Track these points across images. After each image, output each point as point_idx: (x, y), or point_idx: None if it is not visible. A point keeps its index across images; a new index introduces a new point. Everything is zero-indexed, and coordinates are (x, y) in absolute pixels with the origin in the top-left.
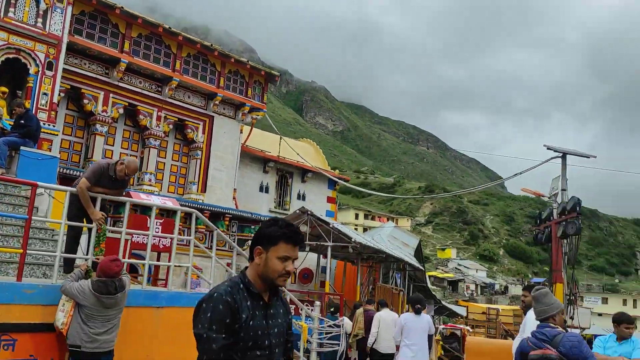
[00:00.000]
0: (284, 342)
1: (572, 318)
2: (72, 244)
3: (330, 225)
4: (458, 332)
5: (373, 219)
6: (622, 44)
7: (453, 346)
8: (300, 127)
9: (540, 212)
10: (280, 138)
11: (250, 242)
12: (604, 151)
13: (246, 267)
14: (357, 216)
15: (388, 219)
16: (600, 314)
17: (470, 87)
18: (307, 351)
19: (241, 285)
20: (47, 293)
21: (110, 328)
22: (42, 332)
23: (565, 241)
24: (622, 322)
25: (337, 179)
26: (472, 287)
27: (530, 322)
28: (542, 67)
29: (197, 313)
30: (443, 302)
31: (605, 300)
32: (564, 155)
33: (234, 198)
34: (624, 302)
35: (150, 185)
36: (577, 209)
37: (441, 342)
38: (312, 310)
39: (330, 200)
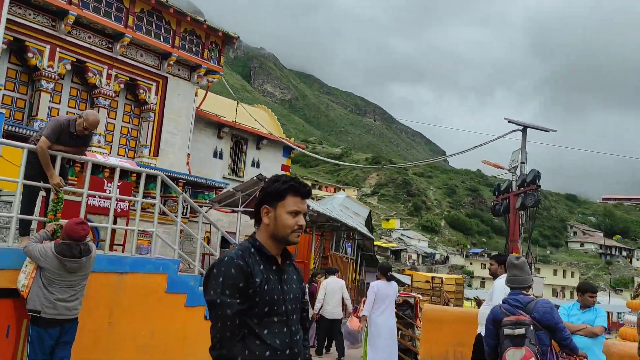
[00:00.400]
0: (299, 309)
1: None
2: (28, 205)
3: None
4: (411, 300)
5: (320, 188)
6: (563, 26)
7: (406, 313)
8: (247, 94)
9: (499, 184)
10: (238, 103)
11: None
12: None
13: (253, 233)
14: None
15: (335, 189)
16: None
17: (418, 62)
18: None
19: (252, 249)
20: (2, 257)
21: (73, 294)
22: None
23: (522, 213)
24: (586, 291)
25: (293, 146)
26: (414, 256)
27: (498, 290)
28: (487, 45)
29: (208, 278)
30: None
31: (537, 271)
32: (524, 129)
33: (187, 163)
34: (555, 272)
35: (100, 147)
36: (537, 181)
37: (395, 310)
38: None
39: (284, 168)
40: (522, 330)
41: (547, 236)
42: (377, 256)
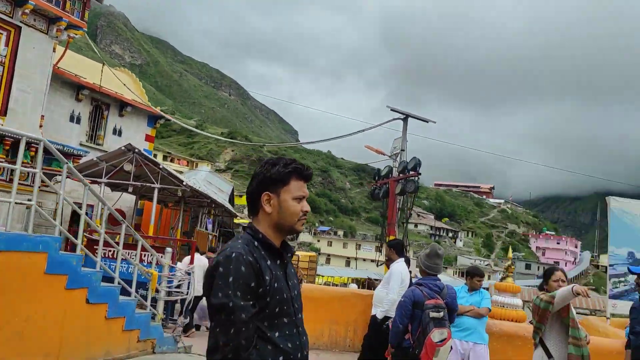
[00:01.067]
0: (302, 306)
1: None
2: None
3: (160, 167)
4: None
5: (172, 161)
6: (412, 20)
7: None
8: (93, 54)
9: (379, 169)
10: (103, 64)
11: (247, 192)
12: (385, 117)
13: (250, 224)
14: (155, 157)
15: (188, 163)
16: (372, 260)
17: (276, 40)
18: (154, 300)
19: (255, 243)
20: None
21: None
22: None
23: (401, 198)
24: (474, 275)
25: (161, 116)
26: None
27: (396, 275)
28: (342, 30)
29: (214, 278)
30: None
31: (378, 248)
32: (406, 118)
33: (40, 126)
34: None
35: None
36: (418, 169)
37: None
38: (162, 256)
39: (149, 138)
40: (442, 313)
41: (387, 216)
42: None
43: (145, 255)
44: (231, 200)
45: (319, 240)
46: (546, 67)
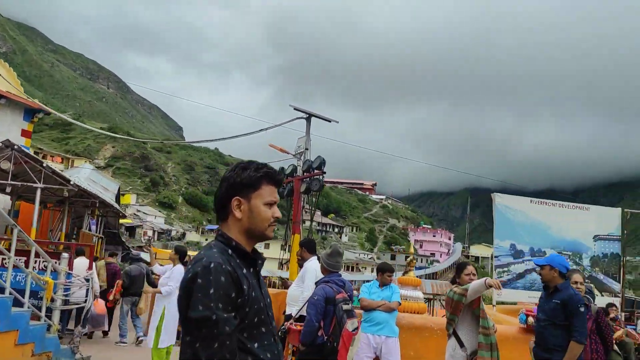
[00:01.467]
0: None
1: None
2: None
3: (44, 165)
4: None
5: (45, 157)
6: (298, 19)
7: None
8: None
9: (282, 168)
10: None
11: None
12: (276, 113)
13: (220, 231)
14: None
15: (63, 160)
16: (276, 259)
17: (159, 32)
18: (48, 310)
19: (229, 251)
20: None
21: None
22: None
23: (306, 196)
24: (385, 271)
25: (39, 109)
26: (150, 233)
27: (310, 273)
28: (228, 25)
29: (192, 291)
30: (132, 250)
31: (267, 245)
32: (309, 117)
33: None
34: (282, 247)
35: None
36: (323, 167)
37: None
38: (58, 263)
39: (25, 134)
40: (350, 305)
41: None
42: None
43: (37, 262)
44: (117, 200)
45: (207, 239)
46: (422, 69)
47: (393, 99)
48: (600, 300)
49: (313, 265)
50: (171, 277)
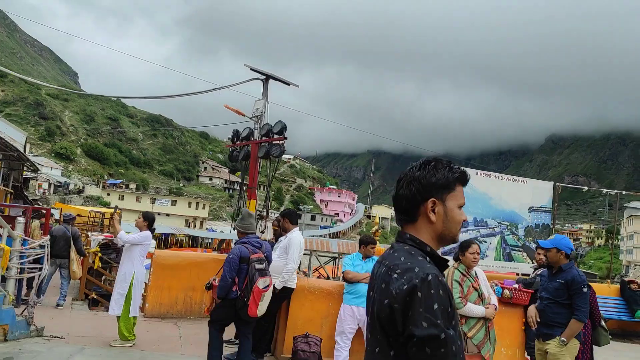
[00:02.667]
0: None
1: (262, 232)
2: None
3: None
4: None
5: None
6: None
7: (112, 257)
8: None
9: (237, 130)
10: None
11: (398, 196)
12: (180, 65)
13: (409, 235)
14: None
15: None
16: (168, 215)
17: None
18: (3, 279)
19: (427, 258)
20: None
21: None
22: None
23: (263, 161)
24: (368, 243)
25: None
26: (45, 185)
27: (296, 245)
28: None
29: (414, 305)
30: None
31: (174, 203)
32: (267, 78)
33: None
34: (189, 205)
35: None
36: (284, 133)
37: (99, 254)
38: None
39: None
40: (264, 265)
41: (182, 170)
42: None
43: None
44: (24, 151)
45: (108, 194)
46: (329, 32)
47: (301, 58)
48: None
49: (298, 237)
50: (135, 236)
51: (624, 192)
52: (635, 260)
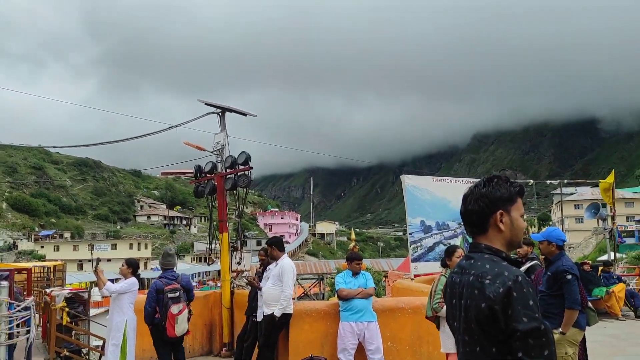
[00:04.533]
0: None
1: (239, 263)
2: None
3: None
4: (84, 295)
5: None
6: (116, 8)
7: (79, 310)
8: None
9: (199, 165)
10: None
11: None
12: (102, 104)
13: (484, 244)
14: None
15: None
16: (109, 260)
17: None
18: None
19: (505, 262)
20: None
21: None
22: None
23: (232, 193)
24: (353, 259)
25: None
26: None
27: (288, 271)
28: (34, 13)
29: (512, 304)
30: None
31: (114, 246)
32: (223, 111)
33: None
34: (130, 246)
35: None
36: (249, 162)
37: (66, 309)
38: None
39: None
40: (178, 294)
41: (117, 211)
42: None
43: None
44: None
45: (42, 247)
46: (250, 56)
47: (224, 85)
48: None
49: (289, 263)
50: (122, 284)
51: (548, 182)
52: (569, 243)
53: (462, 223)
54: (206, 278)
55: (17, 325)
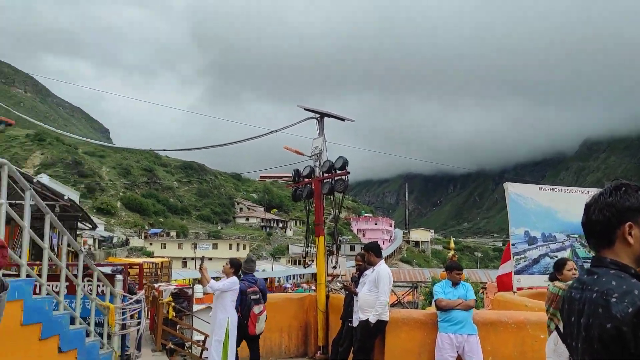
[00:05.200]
0: None
1: (334, 267)
2: None
3: (34, 180)
4: (189, 291)
5: None
6: (221, 19)
7: (183, 305)
8: None
9: (297, 169)
10: None
11: (595, 221)
12: (206, 110)
13: (611, 259)
14: None
15: None
16: (210, 258)
17: (76, 35)
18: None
19: (634, 279)
20: None
21: None
22: None
23: (329, 197)
24: (453, 269)
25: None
26: (90, 241)
27: (384, 277)
28: (149, 26)
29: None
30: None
31: (215, 246)
32: (321, 116)
33: None
34: (230, 247)
35: None
36: (346, 167)
37: (172, 304)
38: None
39: None
40: (258, 295)
41: (218, 213)
42: None
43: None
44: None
45: (151, 244)
46: (350, 61)
47: (320, 90)
48: None
49: (385, 269)
50: (224, 282)
51: None
52: None
53: (570, 235)
54: (300, 280)
55: (130, 317)
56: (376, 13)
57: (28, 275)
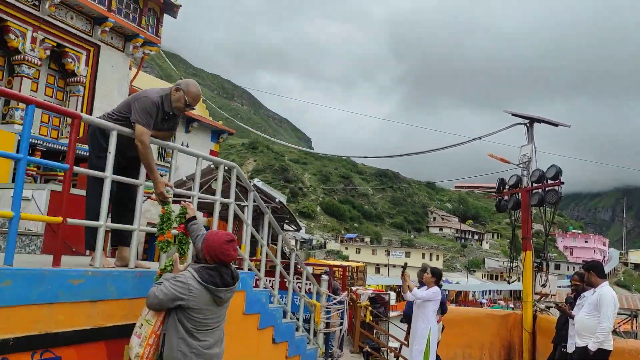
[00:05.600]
0: None
1: (544, 285)
2: (95, 206)
3: (252, 184)
4: (386, 297)
5: None
6: (419, 28)
7: (380, 311)
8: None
9: (502, 179)
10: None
11: None
12: (403, 118)
13: None
14: None
15: None
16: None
17: (286, 51)
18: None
19: None
20: (96, 283)
21: (220, 336)
22: (91, 342)
23: (537, 209)
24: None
25: (223, 131)
26: (292, 242)
27: (609, 301)
28: (349, 39)
29: None
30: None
31: (408, 254)
32: (531, 122)
33: None
34: (423, 256)
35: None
36: (560, 177)
37: (370, 308)
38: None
39: (213, 153)
40: None
41: (411, 221)
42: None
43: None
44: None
45: (346, 248)
46: (552, 64)
47: (522, 95)
48: None
49: (609, 292)
50: (427, 292)
51: None
52: None
53: None
54: (496, 297)
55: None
56: (583, 8)
57: (249, 269)
